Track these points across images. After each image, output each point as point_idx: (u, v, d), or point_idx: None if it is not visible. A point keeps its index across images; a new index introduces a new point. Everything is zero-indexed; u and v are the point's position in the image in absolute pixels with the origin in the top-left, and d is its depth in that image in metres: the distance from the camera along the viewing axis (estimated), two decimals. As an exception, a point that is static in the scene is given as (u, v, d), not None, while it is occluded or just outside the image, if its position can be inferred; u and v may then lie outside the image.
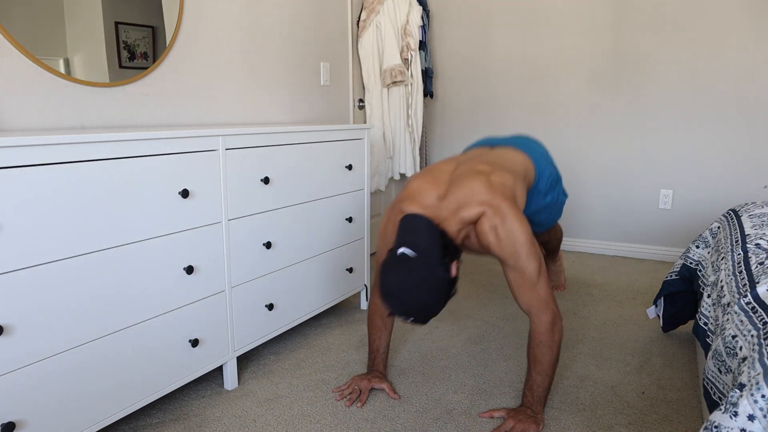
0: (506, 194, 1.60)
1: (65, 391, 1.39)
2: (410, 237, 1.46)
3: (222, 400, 1.83)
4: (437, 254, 1.45)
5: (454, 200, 1.58)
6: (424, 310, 1.46)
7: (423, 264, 1.43)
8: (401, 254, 1.44)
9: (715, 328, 1.54)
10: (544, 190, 2.02)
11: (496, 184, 1.60)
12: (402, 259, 1.44)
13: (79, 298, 1.39)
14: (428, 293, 1.43)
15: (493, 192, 1.57)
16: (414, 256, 1.43)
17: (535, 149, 2.04)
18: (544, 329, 1.59)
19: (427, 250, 1.44)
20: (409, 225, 1.50)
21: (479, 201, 1.55)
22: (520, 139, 2.11)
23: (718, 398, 1.28)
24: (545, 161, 2.03)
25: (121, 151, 1.45)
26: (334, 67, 3.10)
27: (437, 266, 1.44)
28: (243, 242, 1.88)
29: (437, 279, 1.44)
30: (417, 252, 1.44)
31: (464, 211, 1.56)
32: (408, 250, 1.44)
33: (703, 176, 3.33)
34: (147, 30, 2.00)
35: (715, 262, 1.88)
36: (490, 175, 1.64)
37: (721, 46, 3.16)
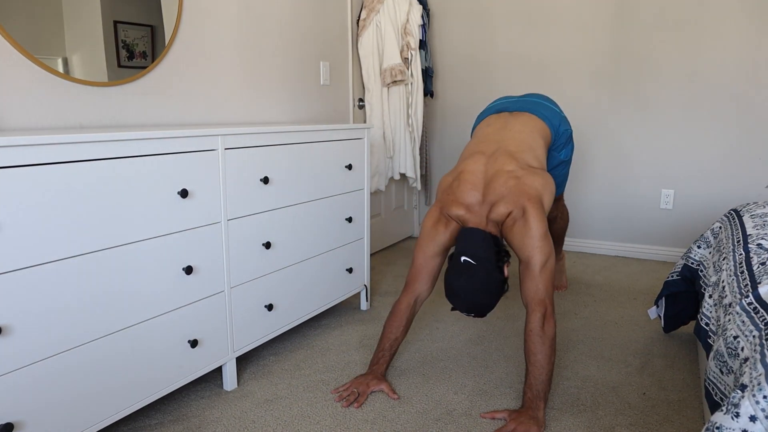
0: (532, 195, 1.79)
1: (64, 392, 1.39)
2: (470, 247, 1.72)
3: (221, 401, 1.84)
4: (493, 261, 1.71)
5: (489, 203, 1.81)
6: (485, 308, 1.73)
7: (483, 270, 1.68)
8: (464, 261, 1.70)
9: (716, 329, 1.54)
10: (560, 146, 2.27)
11: (524, 188, 1.80)
12: (465, 266, 1.69)
13: (77, 299, 1.39)
14: (488, 294, 1.70)
15: (520, 194, 1.78)
16: (475, 264, 1.69)
17: (548, 109, 2.23)
18: (536, 322, 1.70)
19: (485, 258, 1.70)
20: (467, 237, 1.75)
21: (508, 202, 1.78)
22: (534, 100, 2.26)
23: (719, 399, 1.28)
24: (558, 119, 2.23)
25: (119, 150, 1.45)
26: (334, 66, 3.10)
27: (494, 271, 1.70)
28: (242, 242, 1.88)
29: (495, 282, 1.70)
30: (477, 261, 1.69)
31: (496, 213, 1.79)
32: (469, 259, 1.70)
33: (704, 176, 3.33)
34: (146, 29, 2.01)
35: (716, 263, 1.88)
36: (520, 178, 1.83)
37: (722, 45, 3.16)
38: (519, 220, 1.76)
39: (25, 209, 1.26)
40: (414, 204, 4.12)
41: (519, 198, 1.78)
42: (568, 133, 2.27)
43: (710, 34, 3.18)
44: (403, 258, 3.56)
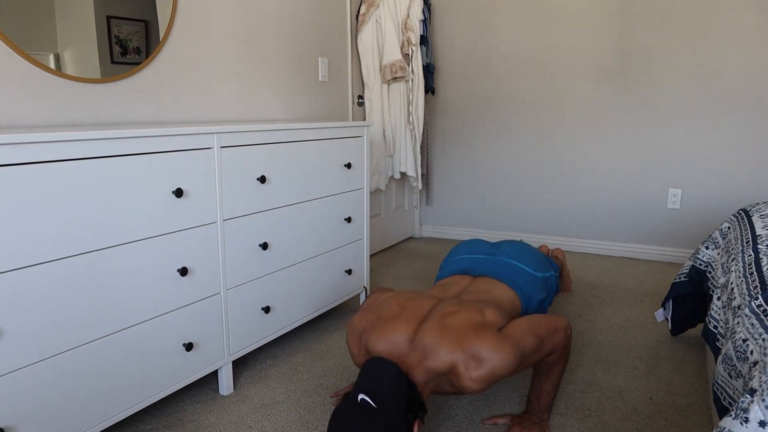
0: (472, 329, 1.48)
1: (56, 397, 1.39)
2: (374, 384, 1.37)
3: (217, 405, 1.83)
4: (401, 408, 1.36)
5: (422, 349, 1.46)
6: None
7: (383, 417, 1.32)
8: (362, 401, 1.34)
9: (725, 332, 1.54)
10: (533, 312, 1.95)
11: (461, 325, 1.50)
12: (361, 407, 1.33)
13: (69, 301, 1.39)
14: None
15: (459, 336, 1.46)
16: (375, 406, 1.33)
17: (520, 274, 1.96)
18: (559, 349, 1.59)
19: (389, 404, 1.34)
20: (375, 370, 1.40)
21: (447, 351, 1.44)
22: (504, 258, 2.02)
23: (728, 404, 1.28)
24: (533, 286, 1.95)
25: (113, 149, 1.45)
26: (333, 62, 3.10)
27: (399, 423, 1.34)
28: (239, 243, 1.88)
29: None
30: (378, 403, 1.33)
31: (432, 364, 1.44)
32: (369, 399, 1.34)
33: (713, 175, 3.33)
34: (140, 24, 2.00)
35: (725, 264, 1.88)
36: (455, 315, 1.53)
37: (731, 41, 3.16)
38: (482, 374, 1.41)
39: (14, 209, 1.26)
40: (415, 204, 4.12)
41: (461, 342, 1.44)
42: (541, 297, 1.96)
43: (719, 29, 3.18)
44: (403, 259, 3.56)
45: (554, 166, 3.72)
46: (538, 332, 1.53)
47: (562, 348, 1.59)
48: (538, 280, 1.98)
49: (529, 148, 3.77)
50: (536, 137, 3.74)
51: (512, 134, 3.80)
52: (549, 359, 1.60)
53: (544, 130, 3.71)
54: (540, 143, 3.73)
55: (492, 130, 3.86)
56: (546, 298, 2.01)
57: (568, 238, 3.75)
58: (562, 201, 3.73)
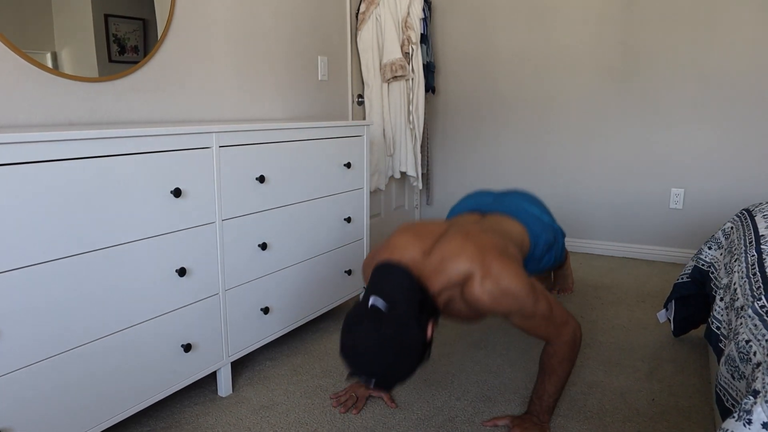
0: (495, 249, 1.48)
1: (53, 399, 1.39)
2: (384, 287, 1.34)
3: (216, 407, 1.83)
4: (413, 309, 1.32)
5: (439, 256, 1.46)
6: (390, 373, 1.32)
7: (395, 319, 1.30)
8: (372, 306, 1.31)
9: (728, 333, 1.54)
10: (540, 256, 1.97)
11: (484, 242, 1.51)
12: (371, 311, 1.30)
13: (66, 302, 1.39)
14: (397, 353, 1.30)
15: (481, 249, 1.46)
16: (386, 309, 1.30)
17: (529, 214, 1.96)
18: (567, 345, 1.58)
19: (401, 304, 1.31)
20: (384, 273, 1.38)
21: (466, 259, 1.43)
22: (514, 201, 2.04)
23: (731, 405, 1.28)
24: (540, 226, 1.96)
25: (110, 148, 1.45)
26: (332, 61, 3.10)
27: (411, 323, 1.31)
28: (237, 243, 1.88)
29: (409, 338, 1.31)
30: (389, 304, 1.31)
31: (449, 270, 1.44)
32: (380, 301, 1.31)
33: (715, 174, 3.33)
34: (137, 23, 2.00)
35: (728, 264, 1.88)
36: (478, 235, 1.54)
37: (734, 40, 3.16)
38: (494, 288, 1.41)
39: (11, 209, 1.26)
40: (415, 204, 4.12)
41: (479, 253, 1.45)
42: (549, 240, 1.99)
43: (722, 27, 3.17)
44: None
45: (555, 165, 3.71)
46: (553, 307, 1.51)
47: (565, 345, 1.57)
48: (545, 223, 1.97)
49: (530, 147, 3.77)
50: (537, 136, 3.74)
51: (512, 133, 3.80)
52: (553, 359, 1.59)
53: (545, 129, 3.70)
54: (540, 142, 3.73)
55: (492, 129, 3.86)
56: (553, 244, 1.99)
57: (569, 239, 3.75)
58: (563, 201, 3.73)
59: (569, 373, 1.63)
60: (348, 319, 1.35)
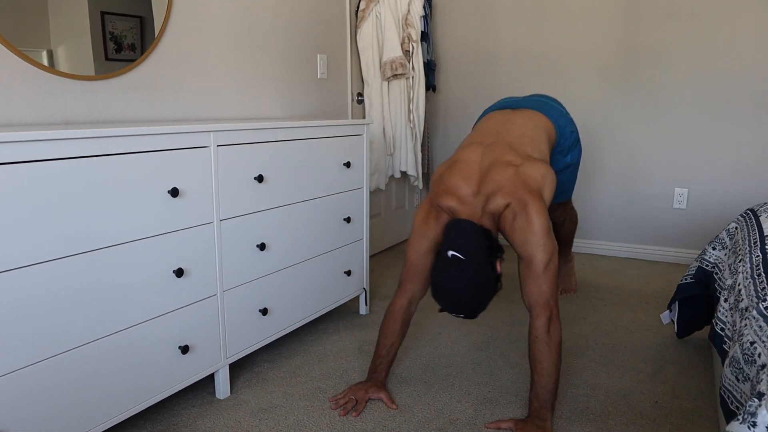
0: (532, 188, 1.74)
1: (48, 401, 1.39)
2: (458, 240, 1.65)
3: (213, 409, 1.83)
4: (484, 255, 1.64)
5: (485, 195, 1.75)
6: (475, 307, 1.67)
7: (472, 265, 1.62)
8: (452, 256, 1.63)
9: (732, 334, 1.54)
10: (566, 149, 2.23)
11: (523, 177, 1.75)
12: (452, 261, 1.63)
13: (62, 303, 1.39)
14: (478, 291, 1.64)
15: (519, 185, 1.73)
16: (463, 259, 1.62)
17: (554, 108, 2.21)
18: (541, 326, 1.68)
19: (475, 253, 1.63)
20: (455, 229, 1.68)
21: (506, 193, 1.72)
22: (539, 99, 2.25)
23: (735, 408, 1.28)
24: (564, 120, 2.21)
25: (107, 147, 1.45)
26: (332, 59, 3.10)
27: (485, 266, 1.64)
28: (235, 243, 1.88)
29: (486, 278, 1.64)
30: (465, 255, 1.62)
31: (492, 205, 1.73)
32: (458, 253, 1.63)
33: (719, 174, 3.33)
34: (135, 20, 2.00)
35: (732, 265, 1.88)
36: (519, 167, 1.77)
37: (739, 37, 3.16)
38: (519, 214, 1.70)
39: (5, 209, 1.26)
40: (416, 203, 4.12)
41: (518, 189, 1.72)
42: (574, 136, 2.25)
43: (726, 25, 3.17)
44: (403, 260, 3.55)
45: (558, 165, 3.71)
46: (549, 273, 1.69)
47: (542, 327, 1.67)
48: (567, 117, 2.24)
49: (532, 146, 3.76)
50: (539, 135, 3.73)
51: (515, 132, 3.80)
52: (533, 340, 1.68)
53: (547, 129, 3.70)
54: (543, 142, 3.73)
55: (494, 128, 3.86)
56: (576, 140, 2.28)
57: (571, 239, 3.75)
58: (565, 201, 3.73)
59: (555, 363, 1.67)
60: (435, 271, 1.67)
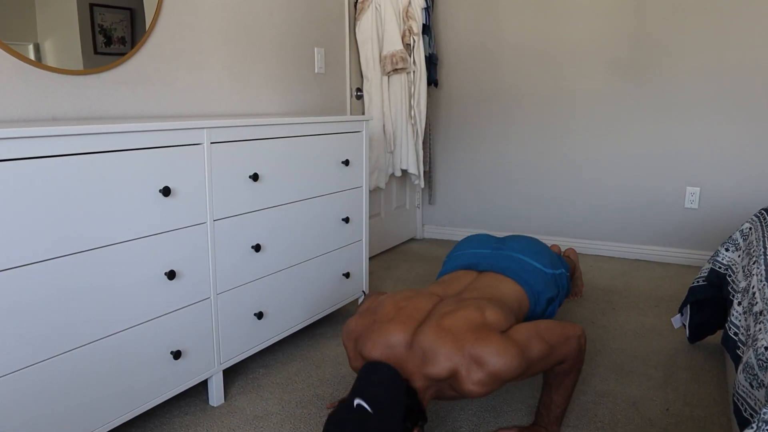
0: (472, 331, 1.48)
1: (35, 407, 1.39)
2: (371, 389, 1.39)
3: (207, 417, 1.84)
4: (398, 416, 1.38)
5: (420, 352, 1.48)
6: None
7: (379, 424, 1.35)
8: (358, 406, 1.37)
9: (746, 339, 1.54)
10: (542, 312, 1.96)
11: (459, 327, 1.49)
12: (356, 413, 1.36)
13: (49, 306, 1.39)
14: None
15: (458, 340, 1.46)
16: (371, 414, 1.35)
17: (529, 270, 1.96)
18: (572, 358, 1.57)
19: (387, 410, 1.37)
20: (372, 374, 1.43)
21: (446, 357, 1.45)
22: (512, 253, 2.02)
23: (749, 415, 1.28)
24: (542, 282, 1.94)
25: (96, 144, 1.45)
26: (330, 53, 3.10)
27: (396, 430, 1.37)
28: (230, 245, 1.88)
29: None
30: (375, 409, 1.36)
31: (432, 369, 1.45)
32: (365, 405, 1.37)
33: (733, 172, 3.33)
34: (124, 12, 2.00)
35: (746, 267, 1.88)
36: (453, 315, 1.53)
37: (752, 30, 3.16)
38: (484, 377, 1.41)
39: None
40: (417, 203, 4.13)
41: (460, 347, 1.44)
42: (551, 295, 1.97)
43: (739, 17, 3.18)
44: (404, 262, 3.56)
45: (564, 163, 3.72)
46: (548, 339, 1.52)
47: (573, 358, 1.58)
48: (548, 276, 1.97)
49: (538, 144, 3.77)
50: (545, 132, 3.74)
51: (520, 129, 3.81)
52: (559, 369, 1.60)
53: (553, 125, 3.71)
54: (549, 139, 3.73)
55: (498, 124, 3.86)
56: (556, 297, 1.99)
57: (579, 240, 3.75)
58: (572, 200, 3.74)
59: (576, 381, 1.64)
60: (332, 418, 1.39)
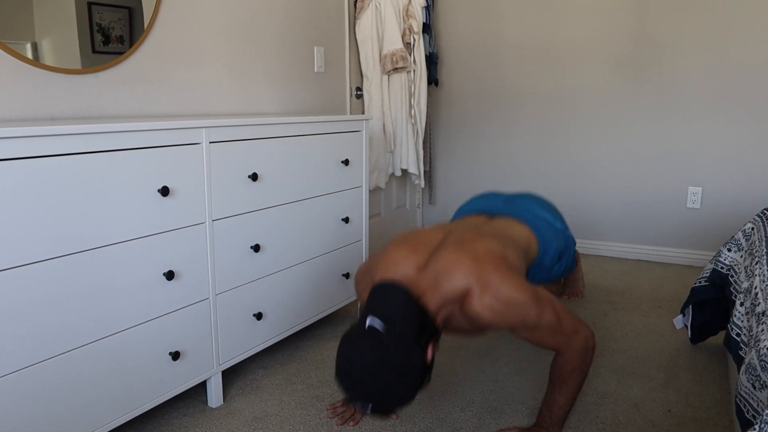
0: (493, 259, 1.49)
1: (33, 409, 1.39)
2: (382, 307, 1.37)
3: (206, 418, 1.83)
4: (412, 331, 1.35)
5: (434, 272, 1.47)
6: (388, 398, 1.34)
7: (393, 341, 1.32)
8: (369, 327, 1.33)
9: (748, 340, 1.54)
10: (549, 264, 1.95)
11: (480, 251, 1.50)
12: (369, 332, 1.33)
13: (46, 308, 1.39)
14: (396, 377, 1.32)
15: (477, 262, 1.46)
16: (384, 331, 1.32)
17: (540, 218, 1.96)
18: (578, 355, 1.56)
19: (400, 325, 1.33)
20: (382, 293, 1.41)
21: (463, 274, 1.44)
22: (525, 204, 2.03)
23: (751, 417, 1.28)
24: (552, 232, 1.95)
25: (94, 144, 1.45)
26: (329, 52, 3.10)
27: (411, 346, 1.34)
28: (228, 245, 1.88)
29: (408, 361, 1.33)
30: (387, 326, 1.33)
31: (445, 287, 1.45)
32: (377, 322, 1.33)
33: (735, 172, 3.33)
34: (123, 11, 2.00)
35: (748, 267, 1.88)
36: (474, 242, 1.54)
37: (755, 28, 3.16)
38: (494, 303, 1.42)
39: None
40: (417, 203, 4.13)
41: (477, 268, 1.45)
42: (561, 248, 1.99)
43: (743, 15, 3.17)
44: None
45: (565, 162, 3.72)
46: (561, 316, 1.50)
47: (576, 353, 1.56)
48: (558, 230, 1.96)
49: (539, 143, 3.77)
50: (546, 132, 3.74)
51: (521, 129, 3.80)
52: (563, 367, 1.59)
53: (554, 125, 3.70)
54: (550, 138, 3.73)
55: (499, 124, 3.86)
56: (564, 254, 1.97)
57: (580, 240, 3.75)
58: (573, 200, 3.73)
59: (581, 383, 1.63)
60: (344, 340, 1.37)
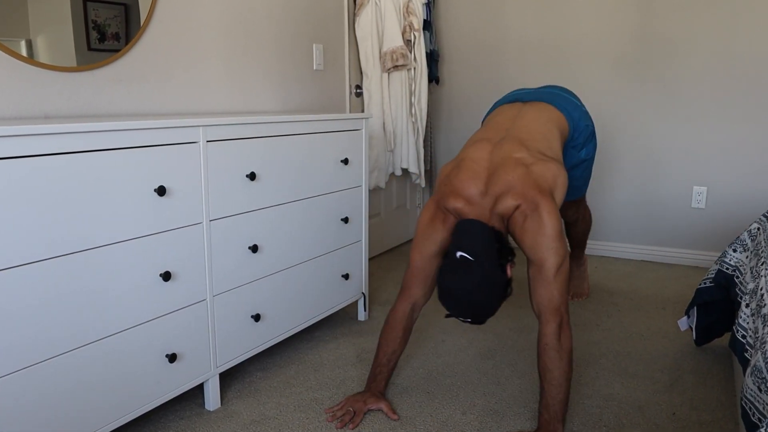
0: (543, 188, 1.76)
1: (27, 412, 1.39)
2: (467, 241, 1.68)
3: (203, 421, 1.83)
4: (494, 257, 1.68)
5: (494, 195, 1.76)
6: (483, 311, 1.69)
7: (481, 267, 1.65)
8: (460, 257, 1.66)
9: (754, 342, 1.54)
10: (580, 144, 2.26)
11: (534, 177, 1.77)
12: (461, 262, 1.66)
13: (41, 309, 1.39)
14: (487, 295, 1.66)
15: (529, 185, 1.75)
16: (472, 260, 1.65)
17: (567, 101, 2.24)
18: (551, 333, 1.69)
19: (484, 254, 1.66)
20: (464, 230, 1.72)
21: (516, 194, 1.74)
22: (551, 91, 2.27)
23: (757, 420, 1.28)
24: (579, 112, 2.23)
25: (89, 143, 1.45)
26: (329, 49, 3.10)
27: (495, 269, 1.67)
28: (226, 245, 1.88)
29: (495, 281, 1.67)
30: (474, 257, 1.65)
31: (502, 206, 1.75)
32: (467, 254, 1.65)
33: (741, 171, 3.33)
34: (119, 8, 2.00)
35: (754, 268, 1.88)
36: (529, 166, 1.80)
37: (761, 24, 3.16)
38: (530, 216, 1.72)
39: (-17, 208, 1.26)
40: (417, 203, 4.13)
41: (528, 190, 1.73)
42: (589, 130, 2.28)
43: (748, 11, 3.17)
44: (405, 263, 3.56)
45: (569, 161, 3.71)
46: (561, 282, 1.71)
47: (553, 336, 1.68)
48: (582, 109, 2.28)
49: (542, 142, 3.76)
50: (549, 130, 3.73)
51: (523, 127, 3.80)
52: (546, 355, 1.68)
53: (557, 123, 3.70)
54: (553, 137, 3.73)
55: (501, 122, 3.86)
56: (592, 133, 2.32)
57: (583, 240, 3.75)
58: (577, 200, 3.73)
59: (566, 373, 1.67)
60: (443, 270, 1.71)
